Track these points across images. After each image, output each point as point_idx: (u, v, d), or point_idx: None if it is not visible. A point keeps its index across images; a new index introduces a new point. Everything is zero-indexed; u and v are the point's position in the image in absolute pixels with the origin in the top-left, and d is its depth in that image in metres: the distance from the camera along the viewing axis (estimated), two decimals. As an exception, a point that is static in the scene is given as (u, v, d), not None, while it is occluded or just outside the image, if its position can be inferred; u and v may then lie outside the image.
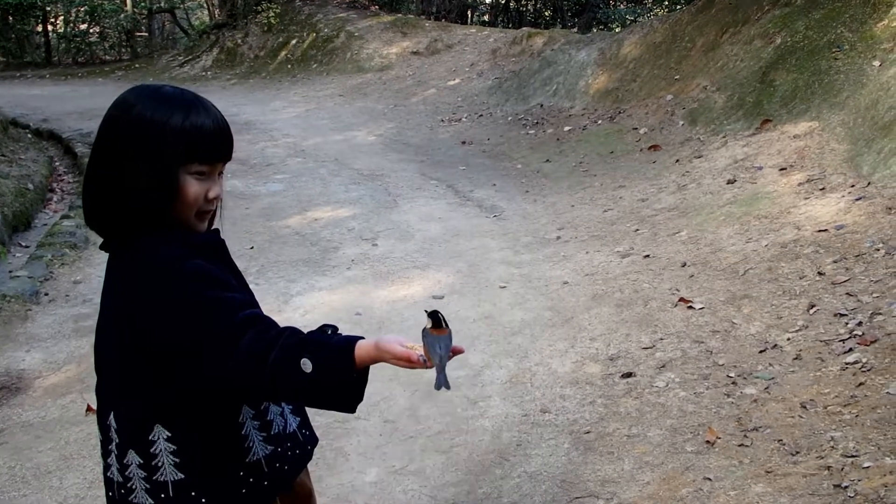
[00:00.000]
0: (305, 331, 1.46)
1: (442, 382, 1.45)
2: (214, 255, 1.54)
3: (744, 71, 7.55)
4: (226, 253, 1.59)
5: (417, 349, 1.44)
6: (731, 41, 8.17)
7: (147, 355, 1.44)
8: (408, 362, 1.41)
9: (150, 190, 1.43)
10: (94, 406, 3.78)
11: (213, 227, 1.62)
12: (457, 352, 1.49)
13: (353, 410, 1.45)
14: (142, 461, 1.50)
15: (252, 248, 6.07)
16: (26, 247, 6.31)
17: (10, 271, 5.59)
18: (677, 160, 6.92)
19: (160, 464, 1.49)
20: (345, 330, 1.52)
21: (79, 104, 13.05)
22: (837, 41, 6.72)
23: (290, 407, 1.68)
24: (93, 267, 5.78)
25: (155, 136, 1.42)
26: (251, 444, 1.55)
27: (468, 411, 3.57)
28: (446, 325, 1.51)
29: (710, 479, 2.81)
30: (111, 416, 1.54)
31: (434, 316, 1.52)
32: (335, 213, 7.00)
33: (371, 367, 1.44)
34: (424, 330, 1.49)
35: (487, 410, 3.56)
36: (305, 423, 1.74)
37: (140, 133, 1.42)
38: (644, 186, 6.60)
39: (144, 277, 1.42)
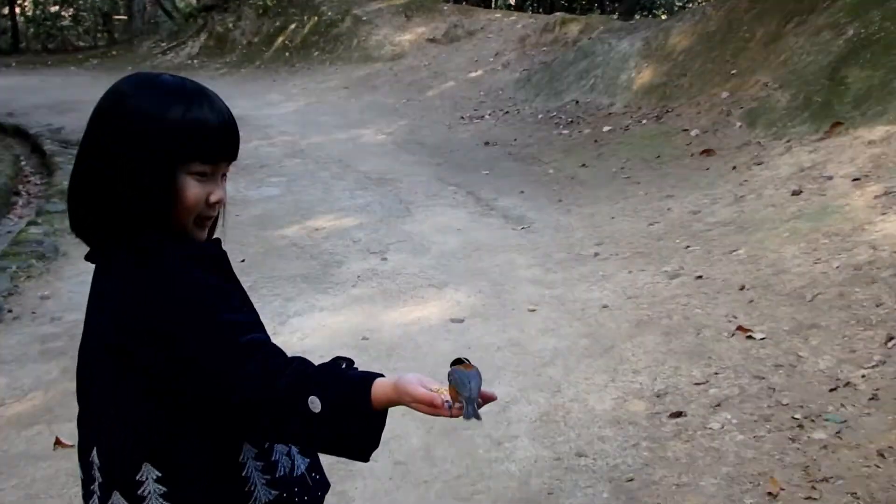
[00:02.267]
0: (316, 362, 1.47)
1: (471, 413, 1.45)
2: (216, 267, 1.54)
3: (810, 66, 7.53)
4: (228, 266, 1.60)
5: (443, 392, 1.44)
6: (795, 32, 8.17)
7: (145, 379, 1.45)
8: (430, 407, 1.40)
9: (146, 192, 1.44)
10: (64, 439, 3.79)
11: (215, 236, 1.62)
12: (487, 398, 1.49)
13: (366, 459, 1.44)
14: (127, 504, 1.49)
15: (243, 261, 6.08)
16: (-12, 256, 6.36)
17: (-30, 284, 5.64)
18: (734, 167, 6.90)
19: (148, 507, 1.47)
20: (348, 357, 1.52)
21: (49, 96, 13.19)
22: (920, 32, 6.71)
23: (298, 448, 1.68)
24: (63, 280, 5.82)
25: (151, 131, 1.43)
26: (253, 488, 1.55)
27: (491, 453, 3.55)
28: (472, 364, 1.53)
29: (772, 537, 2.79)
30: (94, 451, 1.53)
31: (459, 360, 1.54)
32: (339, 222, 7.02)
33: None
34: (451, 371, 1.50)
35: (514, 452, 3.54)
36: (316, 465, 1.72)
37: (134, 127, 1.43)
38: (696, 197, 6.59)
39: (146, 292, 1.43)
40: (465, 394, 1.44)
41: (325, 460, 3.60)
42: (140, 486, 1.48)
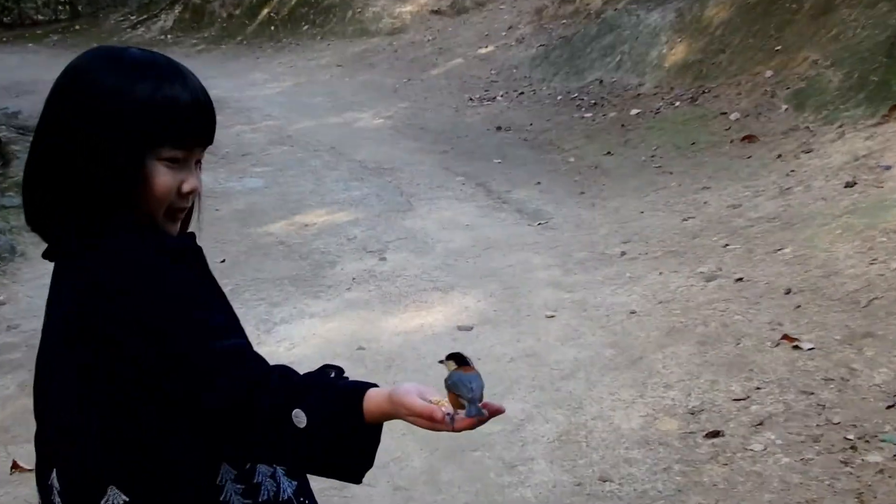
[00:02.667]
0: (301, 371, 1.46)
1: (476, 411, 1.42)
2: (191, 264, 1.54)
3: (866, 42, 7.50)
4: (204, 262, 1.59)
5: (444, 404, 1.43)
6: (848, 3, 8.14)
7: (116, 389, 1.45)
8: (430, 421, 1.39)
9: (111, 175, 1.44)
10: (22, 463, 3.80)
11: (189, 229, 1.63)
12: (495, 411, 1.46)
13: (358, 480, 1.44)
14: (91, 533, 1.48)
15: (223, 261, 6.10)
16: (-64, 256, 6.38)
17: (-84, 287, 5.66)
18: (779, 155, 6.89)
19: (114, 535, 1.47)
20: (338, 366, 1.52)
21: (3, 77, 13.23)
22: None
23: (284, 468, 1.67)
24: (20, 284, 5.84)
25: (115, 110, 1.43)
26: (232, 515, 1.57)
27: (504, 477, 3.54)
28: (473, 365, 1.51)
29: (822, 574, 2.79)
30: (53, 474, 1.53)
31: (457, 356, 1.52)
32: (331, 217, 7.04)
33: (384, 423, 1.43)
34: (449, 376, 1.48)
35: (529, 477, 3.53)
36: (305, 489, 1.72)
37: (97, 105, 1.44)
38: (736, 189, 6.58)
39: (114, 289, 1.42)
40: (468, 395, 1.42)
41: (315, 485, 3.59)
42: None
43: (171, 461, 1.49)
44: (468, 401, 1.42)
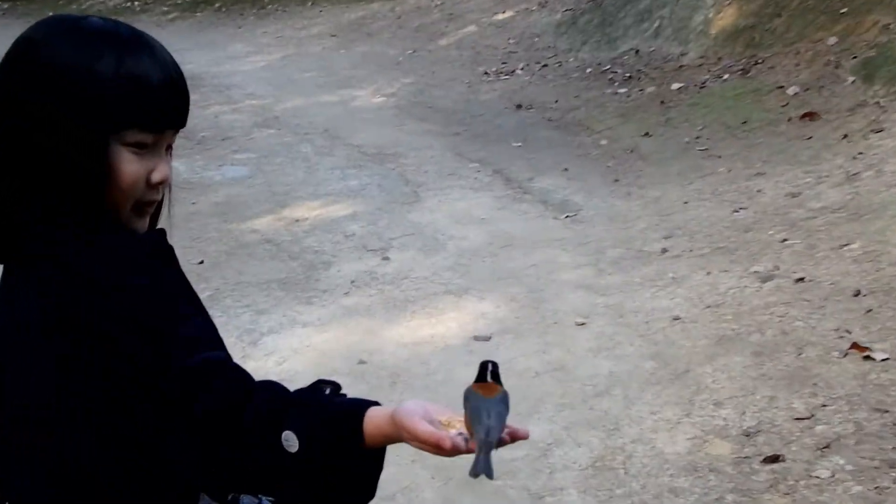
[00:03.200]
0: (291, 388, 1.46)
1: (482, 467, 1.38)
2: (161, 265, 1.55)
3: (947, 1, 7.49)
4: (175, 263, 1.60)
5: (457, 424, 1.42)
6: (926, -44, 8.12)
7: (112, 386, 1.45)
8: (436, 449, 1.37)
9: (69, 169, 1.45)
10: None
11: (158, 226, 1.63)
12: (517, 436, 1.46)
13: None
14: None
15: (202, 262, 6.12)
16: None
17: None
18: (845, 135, 6.87)
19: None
20: (334, 381, 1.51)
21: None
22: None
23: (272, 499, 1.66)
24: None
25: (73, 90, 1.43)
26: (214, 552, 1.56)
27: (530, 511, 3.55)
28: (499, 381, 1.50)
29: None
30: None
31: (483, 369, 1.51)
32: (326, 210, 7.05)
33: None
34: (467, 390, 1.48)
35: (559, 510, 3.54)
36: None
37: (52, 85, 1.43)
38: (794, 174, 6.56)
39: (109, 286, 1.43)
40: (479, 434, 1.39)
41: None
42: None
43: (143, 496, 1.50)
44: (477, 443, 1.39)
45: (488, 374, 1.49)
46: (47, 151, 1.44)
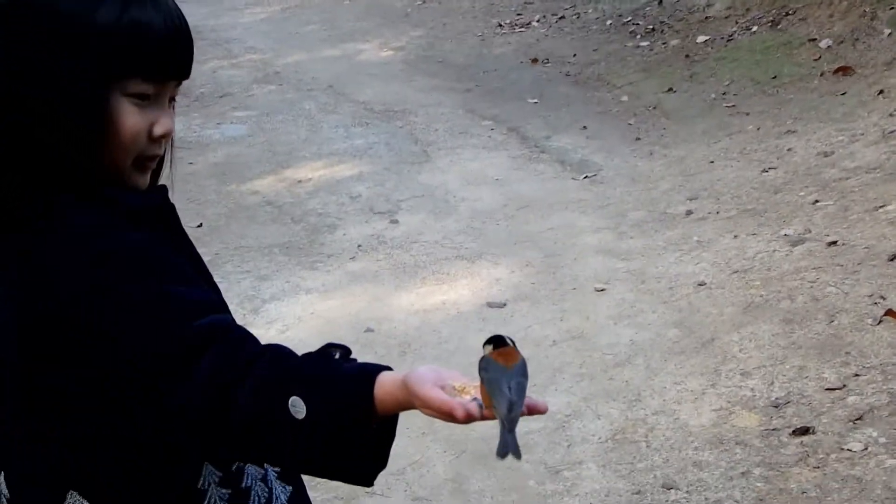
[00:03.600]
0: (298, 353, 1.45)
1: (509, 447, 1.35)
2: (161, 226, 1.56)
3: None
4: (178, 224, 1.62)
5: (471, 390, 1.38)
6: None
7: (66, 378, 1.45)
8: (449, 418, 1.34)
9: (64, 122, 1.43)
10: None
11: (160, 182, 1.62)
12: (535, 409, 1.41)
13: (370, 483, 1.44)
14: (49, 546, 1.50)
15: (200, 225, 6.11)
16: None
17: None
18: (881, 91, 6.82)
19: (76, 549, 1.49)
20: (344, 345, 1.49)
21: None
22: None
23: (277, 470, 1.67)
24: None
25: (72, 39, 1.42)
26: (218, 525, 1.57)
27: (546, 485, 3.54)
28: (517, 349, 1.46)
29: None
30: (1, 479, 1.55)
31: (498, 340, 1.47)
32: (330, 171, 7.04)
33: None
34: (484, 359, 1.43)
35: (577, 485, 3.52)
36: (301, 494, 1.73)
37: (49, 34, 1.43)
38: (827, 132, 6.53)
39: (57, 262, 1.41)
40: (501, 409, 1.35)
41: (318, 494, 3.55)
42: None
43: (142, 464, 1.51)
44: (500, 419, 1.35)
45: (510, 343, 1.46)
46: (34, 116, 1.44)
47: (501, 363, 1.41)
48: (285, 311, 5.01)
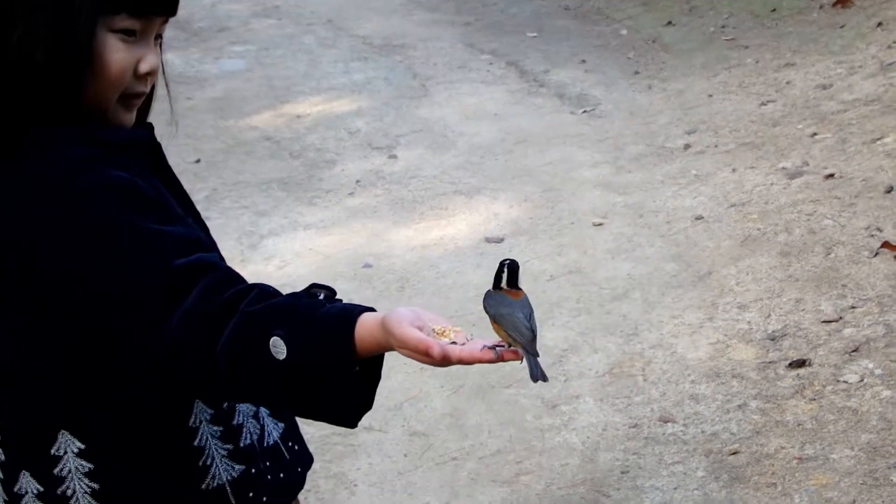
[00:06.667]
0: (283, 292, 1.44)
1: (540, 372, 1.42)
2: (146, 162, 1.54)
3: None
4: (163, 160, 1.60)
5: (451, 334, 1.37)
6: None
7: (46, 314, 1.45)
8: (425, 357, 1.32)
9: (48, 56, 1.41)
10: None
11: (147, 120, 1.62)
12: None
13: (353, 424, 1.43)
14: (41, 489, 1.51)
15: (198, 161, 6.11)
16: None
17: None
18: (879, 23, 6.76)
19: (69, 491, 1.50)
20: (346, 292, 1.49)
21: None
22: None
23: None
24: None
25: None
26: (209, 462, 1.57)
27: (543, 419, 3.57)
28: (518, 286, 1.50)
29: (930, 529, 2.80)
30: None
31: (511, 268, 1.51)
32: (329, 106, 7.01)
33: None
34: (498, 296, 1.48)
35: (575, 419, 3.56)
36: (293, 432, 1.74)
37: None
38: (826, 65, 6.49)
39: (35, 193, 1.41)
40: (523, 338, 1.39)
41: (316, 431, 3.63)
42: (56, 462, 1.49)
43: (132, 402, 1.50)
44: (523, 348, 1.40)
45: (516, 277, 1.51)
46: (18, 50, 1.42)
47: (510, 296, 1.47)
48: (283, 247, 5.02)
